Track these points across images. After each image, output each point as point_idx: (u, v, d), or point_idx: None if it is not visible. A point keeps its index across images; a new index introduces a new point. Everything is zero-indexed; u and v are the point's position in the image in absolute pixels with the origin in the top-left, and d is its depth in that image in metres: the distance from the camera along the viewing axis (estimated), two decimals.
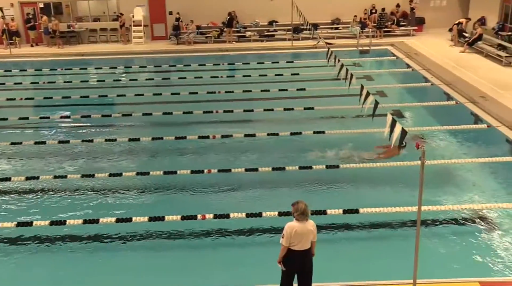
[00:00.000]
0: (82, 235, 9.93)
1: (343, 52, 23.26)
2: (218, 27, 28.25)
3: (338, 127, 14.92)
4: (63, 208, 11.04)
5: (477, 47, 23.22)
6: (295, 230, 7.11)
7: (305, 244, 7.19)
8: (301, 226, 7.12)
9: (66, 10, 29.30)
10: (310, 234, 7.19)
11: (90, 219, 10.05)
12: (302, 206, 7.13)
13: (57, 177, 12.11)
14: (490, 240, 9.45)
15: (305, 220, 7.14)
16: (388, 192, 11.40)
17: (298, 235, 7.12)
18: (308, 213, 7.14)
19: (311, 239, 7.25)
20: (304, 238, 7.16)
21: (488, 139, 13.97)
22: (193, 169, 12.24)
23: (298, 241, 7.14)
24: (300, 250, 7.18)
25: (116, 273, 8.98)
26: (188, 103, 17.62)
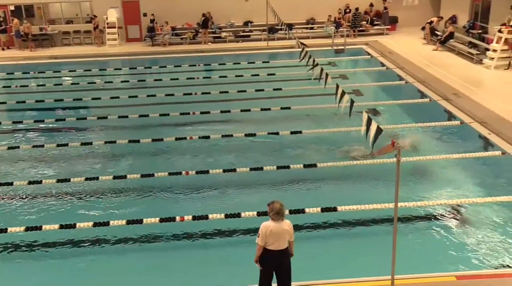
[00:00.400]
0: (59, 240, 9.79)
1: (319, 51, 23.42)
2: (193, 28, 28.17)
3: (315, 126, 15.02)
4: (38, 214, 10.87)
5: (449, 45, 23.64)
6: (270, 230, 7.10)
7: (281, 243, 7.19)
8: (277, 225, 7.13)
9: (38, 13, 28.83)
10: (286, 234, 7.17)
11: (66, 224, 9.92)
12: (277, 206, 7.11)
13: (32, 183, 11.92)
14: (465, 234, 9.63)
15: (281, 220, 7.15)
16: (365, 190, 11.51)
17: (273, 235, 7.10)
18: (283, 212, 7.12)
19: (288, 239, 7.24)
20: (280, 238, 7.16)
21: (461, 136, 14.23)
22: (171, 171, 12.18)
23: (273, 241, 7.13)
24: (276, 249, 7.18)
25: (95, 277, 8.88)
26: (165, 105, 17.51)
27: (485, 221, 10.02)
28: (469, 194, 10.96)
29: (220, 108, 16.60)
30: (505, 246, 9.18)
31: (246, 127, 15.37)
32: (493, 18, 22.18)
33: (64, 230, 9.80)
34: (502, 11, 21.18)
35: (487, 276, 7.95)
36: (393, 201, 7.43)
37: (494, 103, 15.72)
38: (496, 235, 9.51)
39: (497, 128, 13.82)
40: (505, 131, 13.56)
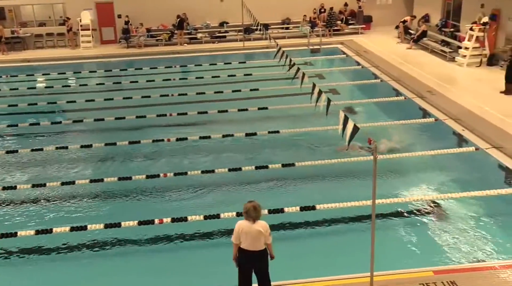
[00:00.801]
0: (35, 246, 9.63)
1: (295, 51, 23.52)
2: (168, 29, 28.00)
3: (292, 126, 15.08)
4: (14, 220, 10.68)
5: (422, 44, 23.99)
6: (242, 229, 7.08)
7: (255, 244, 7.10)
8: (249, 225, 7.06)
9: (9, 15, 28.30)
10: (259, 235, 7.05)
11: (42, 229, 9.76)
12: (247, 206, 7.05)
13: (6, 188, 11.70)
14: (442, 230, 9.77)
15: (251, 220, 7.04)
16: (344, 188, 11.61)
17: (244, 234, 7.06)
18: (251, 214, 7.01)
19: (264, 241, 7.16)
20: (253, 238, 7.06)
21: (436, 132, 14.45)
22: (149, 173, 12.09)
23: (246, 240, 7.08)
24: (250, 250, 7.11)
25: (73, 283, 8.76)
26: (141, 107, 17.37)
27: (461, 216, 10.20)
28: (445, 190, 11.13)
29: (197, 109, 16.55)
30: (481, 240, 9.36)
31: (223, 128, 15.35)
32: (464, 17, 22.59)
33: (40, 235, 9.65)
34: (473, 9, 21.59)
35: (464, 270, 8.08)
36: (370, 198, 7.49)
37: (467, 100, 16.01)
38: (472, 230, 9.69)
39: (471, 125, 14.07)
40: (478, 127, 13.81)
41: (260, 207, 7.14)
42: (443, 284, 7.67)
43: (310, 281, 7.96)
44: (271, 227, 9.77)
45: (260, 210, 7.14)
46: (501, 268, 8.04)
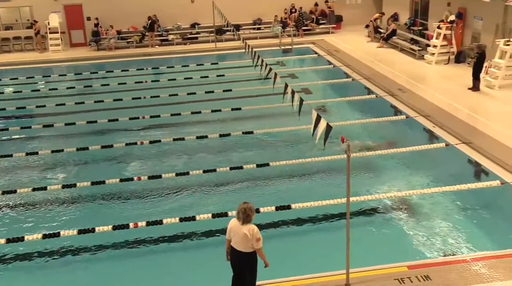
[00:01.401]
0: (5, 254, 9.43)
1: (267, 51, 23.60)
2: (139, 31, 27.74)
3: (266, 126, 15.11)
4: None
5: (392, 42, 24.34)
6: (232, 227, 7.20)
7: (239, 244, 7.13)
8: (237, 225, 7.13)
9: None
10: (244, 237, 7.04)
11: (14, 237, 9.55)
12: (239, 207, 7.12)
13: None
14: (415, 225, 9.94)
15: (240, 221, 7.09)
16: (318, 186, 11.69)
17: (233, 232, 7.17)
18: (240, 216, 7.05)
19: (250, 245, 7.08)
20: (239, 239, 7.10)
21: (407, 130, 14.69)
22: (122, 177, 11.97)
23: (233, 238, 7.17)
24: (235, 248, 7.18)
25: None
26: (113, 111, 17.18)
27: (433, 211, 10.39)
28: (417, 186, 11.31)
29: (170, 111, 16.45)
30: (453, 234, 9.55)
31: (197, 129, 15.31)
32: (432, 15, 23.01)
33: (11, 244, 9.45)
34: (440, 8, 22.01)
35: (437, 264, 8.22)
36: (345, 197, 7.57)
37: (437, 97, 16.31)
38: (444, 224, 9.87)
39: (441, 121, 14.33)
40: (448, 123, 14.09)
41: (251, 211, 7.09)
42: (417, 278, 7.79)
43: (286, 280, 7.98)
44: None
45: (250, 214, 7.08)
46: (472, 260, 8.22)
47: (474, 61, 17.03)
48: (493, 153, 12.02)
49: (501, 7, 17.60)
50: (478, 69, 16.88)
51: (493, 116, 14.47)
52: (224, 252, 7.48)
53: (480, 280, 7.69)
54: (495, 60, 17.30)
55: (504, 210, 10.58)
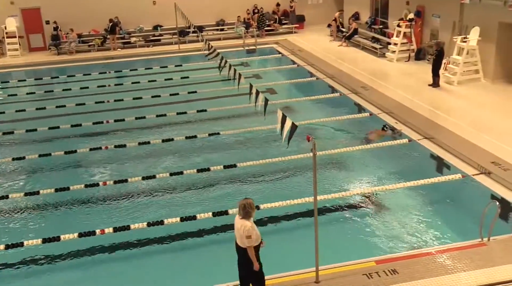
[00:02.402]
0: None
1: (231, 52, 23.61)
2: (101, 34, 27.31)
3: (232, 127, 15.13)
4: None
5: (354, 41, 24.70)
6: (235, 220, 7.20)
7: (237, 238, 7.15)
8: (236, 219, 7.16)
9: None
10: (237, 231, 7.10)
11: None
12: (240, 201, 7.10)
13: None
14: (381, 220, 10.11)
15: (240, 216, 7.07)
16: (286, 186, 11.75)
17: (234, 226, 7.21)
18: (240, 211, 7.04)
19: (243, 241, 7.04)
20: (236, 233, 7.15)
21: (371, 126, 14.91)
22: (87, 183, 11.77)
23: (235, 230, 7.21)
24: (236, 242, 7.22)
25: None
26: (76, 115, 16.87)
27: (398, 207, 10.59)
28: (382, 182, 11.51)
29: (134, 115, 16.27)
30: (418, 228, 9.76)
31: (163, 132, 15.18)
32: (391, 14, 23.45)
33: None
34: (399, 6, 22.45)
35: (403, 258, 8.38)
36: (312, 195, 7.64)
37: (399, 94, 16.64)
38: (409, 219, 10.08)
39: (403, 117, 14.63)
40: (410, 119, 14.39)
41: (250, 207, 7.03)
42: (385, 273, 7.94)
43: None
44: (221, 228, 9.91)
45: (250, 210, 7.03)
46: (437, 253, 8.43)
47: (433, 58, 17.44)
48: (454, 147, 12.35)
49: (457, 5, 18.09)
50: (437, 66, 17.30)
51: (453, 111, 14.87)
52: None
53: (445, 272, 7.89)
54: (453, 57, 17.78)
55: (465, 203, 10.89)
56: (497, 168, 11.04)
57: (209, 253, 9.35)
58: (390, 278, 7.79)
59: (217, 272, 8.63)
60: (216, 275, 8.35)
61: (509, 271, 7.77)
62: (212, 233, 9.93)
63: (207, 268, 8.89)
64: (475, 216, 8.86)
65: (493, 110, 14.75)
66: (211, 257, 9.16)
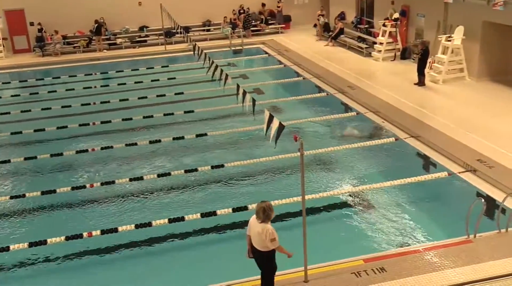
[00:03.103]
0: None
1: (217, 53, 23.59)
2: (86, 35, 27.11)
3: (219, 128, 15.12)
4: None
5: (340, 41, 24.81)
6: (250, 223, 7.17)
7: (256, 242, 7.08)
8: (255, 222, 7.05)
9: None
10: (259, 236, 6.98)
11: None
12: (258, 205, 7.03)
13: None
14: (369, 219, 10.16)
15: (259, 220, 6.97)
16: (274, 186, 11.77)
17: (251, 229, 7.15)
18: (260, 215, 6.95)
19: (265, 244, 6.99)
20: (255, 236, 7.06)
21: (358, 125, 15.01)
22: (74, 185, 11.67)
23: (251, 235, 7.14)
24: (253, 245, 7.16)
25: None
26: (62, 118, 16.73)
27: (386, 205, 10.65)
28: (370, 181, 11.56)
29: (121, 117, 16.18)
30: (405, 226, 9.83)
31: (150, 133, 15.12)
32: (377, 13, 23.59)
33: None
34: (384, 6, 22.59)
35: (391, 256, 8.44)
36: (299, 195, 7.65)
37: (385, 93, 16.75)
38: (396, 217, 10.14)
39: (390, 116, 14.73)
40: (396, 118, 14.50)
41: (270, 209, 6.97)
42: (373, 271, 7.98)
43: (245, 280, 8.00)
44: (208, 230, 9.90)
45: (270, 213, 6.96)
46: (424, 250, 8.50)
47: (419, 57, 17.58)
48: (440, 145, 12.46)
49: (441, 4, 18.26)
50: (423, 65, 17.44)
51: (439, 110, 15.00)
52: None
53: (432, 269, 7.96)
54: (438, 56, 17.94)
55: (451, 200, 10.99)
56: (482, 166, 11.16)
57: (197, 254, 9.33)
58: (378, 276, 7.84)
59: (206, 273, 8.61)
60: (206, 276, 8.33)
61: (495, 267, 7.86)
62: (200, 234, 9.91)
63: (195, 269, 8.86)
64: (461, 213, 8.94)
65: (478, 109, 14.91)
66: (200, 258, 9.14)
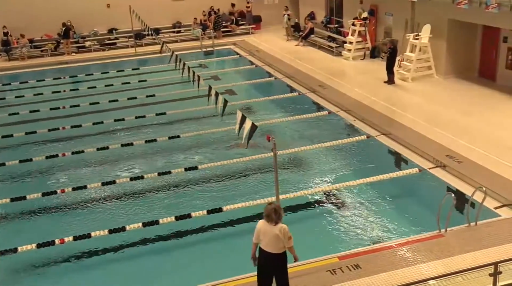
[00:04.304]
0: None
1: (188, 54, 23.47)
2: (54, 39, 26.62)
3: (192, 129, 15.05)
4: None
5: (310, 40, 24.98)
6: (260, 229, 6.96)
7: (272, 246, 6.91)
8: (267, 226, 6.89)
9: None
10: (276, 238, 6.86)
11: None
12: (268, 208, 6.91)
13: None
14: (344, 217, 10.27)
15: (272, 223, 6.85)
16: (248, 187, 11.78)
17: (263, 234, 6.94)
18: (272, 217, 6.82)
19: (282, 244, 6.92)
20: (270, 240, 6.89)
21: (330, 124, 15.14)
22: (45, 191, 11.46)
23: (263, 240, 6.95)
24: (267, 250, 6.96)
25: None
26: (30, 123, 16.41)
27: (359, 202, 10.78)
28: (343, 179, 11.68)
29: (92, 120, 15.95)
30: (378, 222, 9.97)
31: (122, 137, 14.95)
32: (346, 13, 23.85)
33: None
34: (353, 6, 22.85)
35: (365, 253, 8.53)
36: (274, 195, 7.69)
37: (356, 92, 16.93)
38: (370, 214, 10.28)
39: (361, 114, 14.90)
40: (367, 116, 14.67)
41: (281, 209, 6.90)
42: (348, 268, 8.06)
43: (221, 282, 7.97)
44: (184, 232, 9.85)
45: (281, 213, 6.90)
46: (398, 246, 8.62)
47: (387, 56, 17.83)
48: (411, 142, 12.66)
49: (408, 3, 18.55)
50: (392, 63, 17.70)
51: (408, 107, 15.24)
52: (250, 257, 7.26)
53: (406, 264, 8.08)
54: (407, 54, 18.23)
55: (423, 196, 11.18)
56: (452, 161, 11.39)
57: (171, 258, 9.27)
58: (353, 273, 7.92)
59: (182, 277, 8.57)
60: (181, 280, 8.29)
61: (466, 260, 8.03)
62: (176, 238, 9.85)
63: (171, 273, 8.81)
64: (432, 208, 9.11)
65: (446, 105, 15.20)
66: (175, 262, 9.09)
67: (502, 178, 10.51)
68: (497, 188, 10.03)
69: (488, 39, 17.23)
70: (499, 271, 6.98)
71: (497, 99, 15.52)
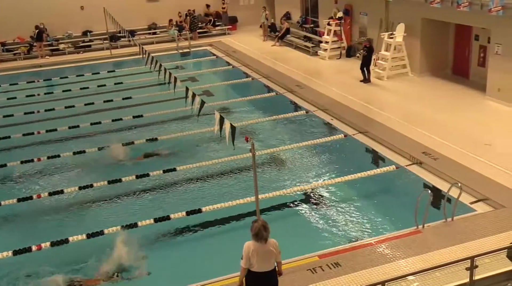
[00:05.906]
0: None
1: (165, 56, 23.32)
2: (26, 42, 26.17)
3: (170, 131, 14.97)
4: None
5: (287, 40, 25.07)
6: (252, 250, 6.49)
7: (267, 265, 6.61)
8: (257, 246, 6.49)
9: None
10: (270, 255, 6.58)
11: None
12: (256, 226, 6.46)
13: None
14: (322, 216, 10.33)
15: (263, 241, 6.45)
16: (227, 187, 11.76)
17: (255, 255, 6.50)
18: (262, 234, 6.42)
19: (273, 261, 6.67)
20: (265, 259, 6.57)
21: (308, 124, 15.22)
22: (20, 197, 11.26)
23: (258, 262, 6.53)
24: (262, 271, 6.59)
25: None
26: (4, 128, 16.10)
27: (339, 201, 10.87)
28: (321, 177, 11.77)
29: (67, 124, 15.74)
30: (357, 220, 10.06)
31: (98, 140, 14.77)
32: (321, 13, 24.01)
33: None
34: (328, 5, 23.01)
35: (345, 251, 8.60)
36: (253, 195, 7.69)
37: (333, 91, 17.05)
38: (349, 212, 10.37)
39: (338, 113, 15.02)
40: (344, 115, 14.80)
41: (267, 224, 6.54)
42: (328, 266, 8.11)
43: (202, 284, 7.95)
44: (163, 235, 9.79)
45: (269, 228, 6.52)
46: (377, 243, 8.71)
47: (363, 55, 18.00)
48: (387, 140, 12.81)
49: (382, 2, 18.77)
50: (367, 62, 17.88)
51: (385, 105, 15.41)
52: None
53: (385, 261, 8.17)
54: (382, 53, 18.44)
55: (400, 192, 11.33)
56: (428, 158, 11.56)
57: (153, 261, 9.21)
58: (333, 272, 7.97)
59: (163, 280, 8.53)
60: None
61: (443, 255, 8.16)
62: (158, 240, 9.81)
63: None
64: (410, 205, 9.22)
65: (421, 103, 15.41)
66: (155, 267, 9.04)
67: (477, 174, 10.71)
68: (472, 184, 10.22)
69: (460, 37, 17.55)
70: (476, 265, 7.12)
71: (471, 95, 15.80)
